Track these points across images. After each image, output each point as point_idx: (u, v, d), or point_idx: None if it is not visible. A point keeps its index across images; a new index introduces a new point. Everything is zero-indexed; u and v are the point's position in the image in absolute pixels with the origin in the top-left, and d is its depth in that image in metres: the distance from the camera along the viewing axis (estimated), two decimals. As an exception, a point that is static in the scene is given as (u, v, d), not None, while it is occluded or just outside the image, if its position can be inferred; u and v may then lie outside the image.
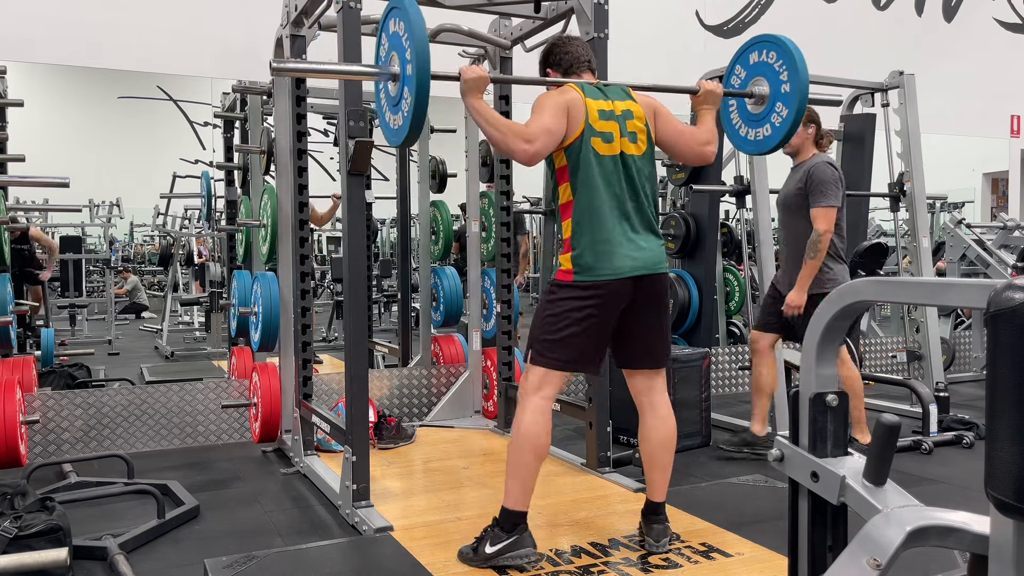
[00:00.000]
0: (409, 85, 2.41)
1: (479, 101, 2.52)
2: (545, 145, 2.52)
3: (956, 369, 6.27)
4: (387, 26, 2.57)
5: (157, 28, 4.63)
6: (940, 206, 8.79)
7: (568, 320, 2.54)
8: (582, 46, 2.81)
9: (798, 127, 2.90)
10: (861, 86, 5.11)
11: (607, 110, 2.60)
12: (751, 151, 3.07)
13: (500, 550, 2.51)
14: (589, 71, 2.78)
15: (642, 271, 2.56)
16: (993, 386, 0.92)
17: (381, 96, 2.68)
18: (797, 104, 2.79)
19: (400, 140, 2.56)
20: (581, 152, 2.56)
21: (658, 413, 2.72)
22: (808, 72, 2.78)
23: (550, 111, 2.54)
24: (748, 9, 6.49)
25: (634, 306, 2.61)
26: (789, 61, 2.79)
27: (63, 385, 4.99)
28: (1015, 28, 7.77)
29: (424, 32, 2.38)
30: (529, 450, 2.54)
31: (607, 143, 2.58)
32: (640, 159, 2.63)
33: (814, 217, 3.65)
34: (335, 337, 7.77)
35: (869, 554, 1.07)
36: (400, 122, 2.52)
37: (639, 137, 2.64)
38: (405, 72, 2.44)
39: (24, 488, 2.84)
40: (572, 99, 2.57)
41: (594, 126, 2.57)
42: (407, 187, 5.75)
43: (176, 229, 8.44)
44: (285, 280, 4.03)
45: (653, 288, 2.62)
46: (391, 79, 2.53)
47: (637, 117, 2.65)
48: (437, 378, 4.82)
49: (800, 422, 1.29)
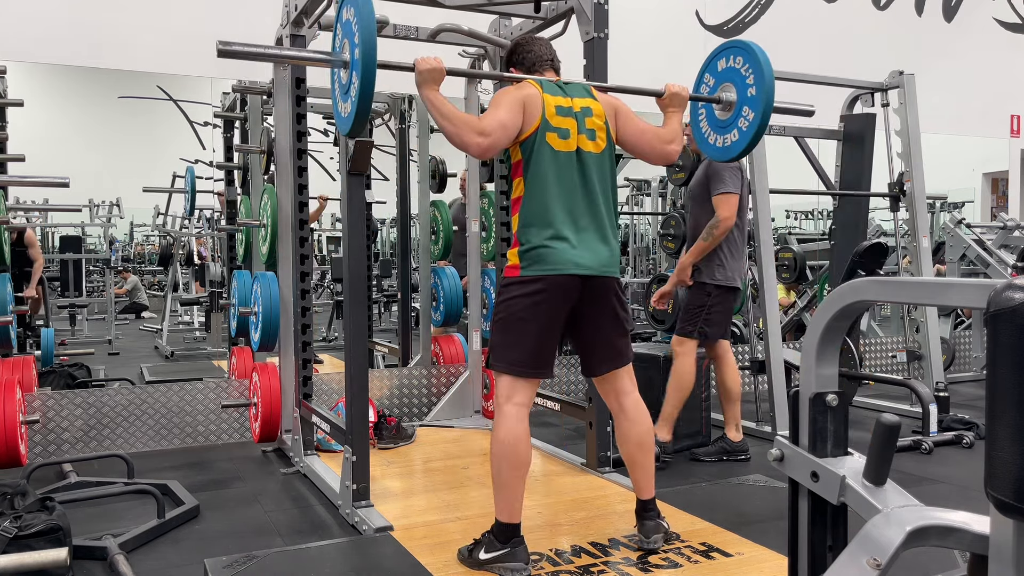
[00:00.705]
0: (356, 70, 2.36)
1: (434, 93, 2.50)
2: (499, 139, 2.51)
3: (956, 369, 6.27)
4: (340, 15, 2.52)
5: (157, 28, 4.63)
6: (940, 206, 8.79)
7: (517, 319, 2.53)
8: (545, 45, 2.81)
9: (764, 131, 2.86)
10: (861, 86, 5.11)
11: (565, 106, 2.60)
12: (719, 157, 3.04)
13: (492, 559, 2.51)
14: (552, 69, 2.78)
15: (587, 271, 2.54)
16: (993, 386, 0.92)
17: (335, 86, 2.62)
18: (763, 107, 2.76)
19: (348, 127, 2.50)
20: (535, 146, 2.55)
21: (628, 416, 2.73)
22: (774, 77, 2.75)
23: (505, 105, 2.53)
24: (748, 9, 6.48)
25: (583, 309, 2.60)
26: (755, 65, 2.77)
27: (63, 385, 4.99)
28: (1015, 28, 7.77)
29: (372, 18, 2.32)
30: (511, 462, 2.51)
31: (563, 139, 2.57)
32: (598, 157, 2.62)
33: (716, 205, 3.74)
34: (335, 337, 7.77)
35: (869, 554, 1.07)
36: (349, 109, 2.46)
37: (597, 135, 2.63)
38: (354, 56, 2.39)
39: (24, 488, 2.84)
40: (529, 94, 2.57)
41: (551, 121, 2.56)
42: (407, 187, 5.76)
43: (176, 229, 8.43)
44: (285, 280, 4.03)
45: (600, 291, 2.60)
46: (342, 66, 2.49)
47: (596, 115, 2.64)
48: (437, 378, 4.82)
49: (800, 422, 1.29)
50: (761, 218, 4.30)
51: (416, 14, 3.91)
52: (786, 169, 3.89)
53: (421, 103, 5.36)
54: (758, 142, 2.88)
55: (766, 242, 4.28)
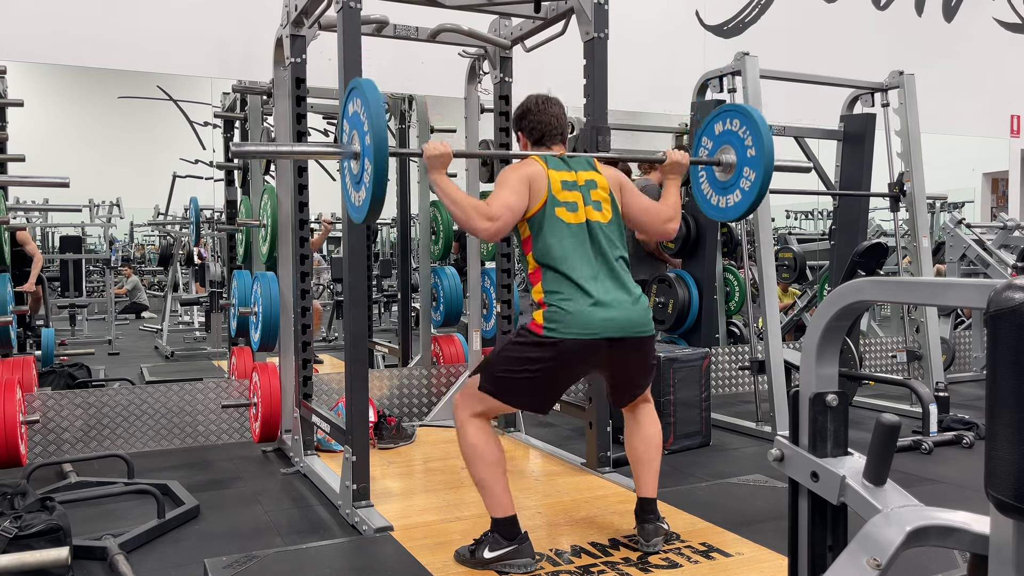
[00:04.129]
0: (368, 155, 2.41)
1: (443, 178, 2.56)
2: (507, 222, 2.56)
3: (956, 369, 6.27)
4: (347, 110, 2.58)
5: (157, 28, 4.63)
6: (940, 206, 8.78)
7: (526, 370, 2.54)
8: (557, 116, 2.80)
9: (767, 191, 2.87)
10: (861, 86, 5.11)
11: (570, 180, 2.64)
12: (721, 218, 3.08)
13: (500, 556, 2.52)
14: (560, 143, 2.81)
15: (617, 333, 2.54)
16: (993, 386, 0.92)
17: (346, 178, 2.66)
18: (764, 167, 2.80)
19: (364, 215, 2.52)
20: (545, 222, 2.58)
21: (638, 419, 2.79)
22: (772, 138, 2.79)
23: (511, 186, 2.58)
24: (748, 9, 6.48)
25: (614, 360, 2.61)
26: (752, 127, 2.82)
27: (63, 385, 4.98)
28: (1015, 28, 7.77)
29: (381, 108, 2.39)
30: (487, 461, 2.56)
31: (572, 212, 2.61)
32: (607, 226, 2.66)
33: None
34: (335, 337, 7.76)
35: (869, 554, 1.07)
36: (363, 197, 2.50)
37: (603, 206, 2.67)
38: (364, 143, 2.43)
39: (24, 488, 2.84)
40: (534, 172, 2.61)
41: (557, 197, 2.60)
42: (407, 187, 5.76)
43: (176, 229, 8.43)
44: (285, 280, 4.03)
45: (634, 346, 2.60)
46: (352, 158, 2.53)
47: (601, 187, 2.69)
48: (437, 378, 4.82)
49: (800, 422, 1.29)
50: (761, 218, 4.29)
51: (416, 14, 3.91)
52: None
53: (421, 103, 5.40)
54: (761, 202, 2.90)
55: (766, 242, 4.28)
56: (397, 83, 5.28)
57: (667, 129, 6.21)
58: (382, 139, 2.38)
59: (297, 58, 3.78)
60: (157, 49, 4.66)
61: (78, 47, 4.52)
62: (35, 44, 4.43)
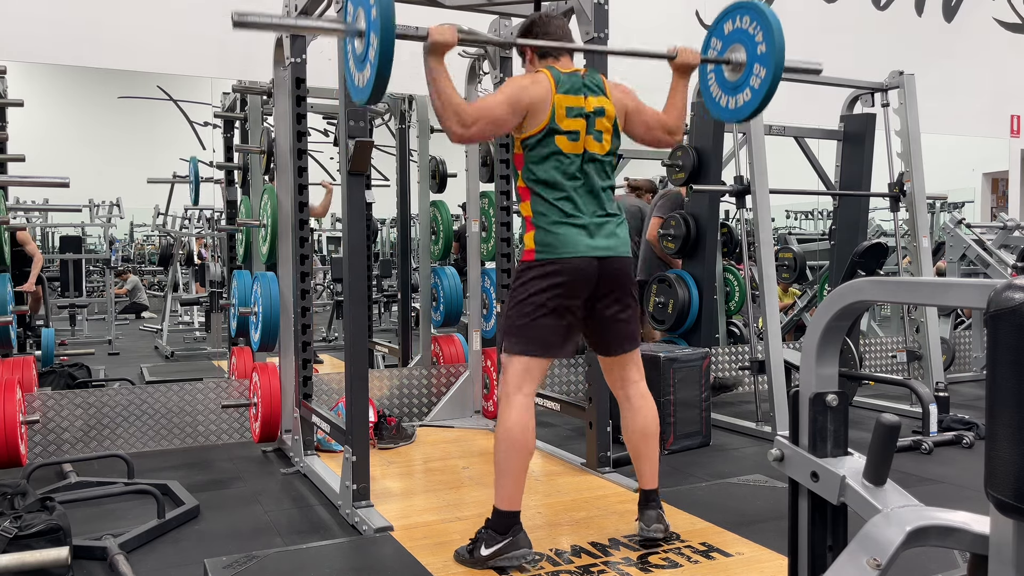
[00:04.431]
0: (375, 29, 2.33)
1: (439, 65, 2.50)
2: (481, 132, 2.54)
3: (956, 369, 6.27)
4: None
5: (157, 28, 4.62)
6: (940, 206, 8.78)
7: (536, 302, 2.57)
8: (562, 28, 2.80)
9: (776, 89, 2.79)
10: (861, 86, 5.11)
11: (577, 107, 2.62)
12: (730, 119, 2.98)
13: (496, 551, 2.52)
14: (567, 55, 2.77)
15: (604, 252, 2.60)
16: (993, 386, 0.92)
17: (349, 61, 2.59)
18: (775, 63, 2.72)
19: (367, 95, 2.43)
20: (540, 147, 2.60)
21: (633, 405, 2.79)
22: (783, 35, 2.70)
23: (505, 100, 2.56)
24: (748, 9, 6.47)
25: (600, 291, 2.64)
26: (763, 22, 2.74)
27: (63, 385, 4.98)
28: (1015, 28, 7.77)
29: None
30: (518, 449, 2.55)
31: (572, 141, 2.61)
32: (603, 157, 2.68)
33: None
34: (335, 337, 7.76)
35: (869, 554, 1.07)
36: (368, 74, 2.41)
37: (604, 137, 2.67)
38: (370, 17, 2.36)
39: (24, 488, 2.84)
40: (537, 94, 2.59)
41: (559, 125, 2.59)
42: (407, 187, 5.75)
43: (176, 229, 8.43)
44: (285, 280, 4.03)
45: (617, 270, 2.65)
46: (357, 35, 2.47)
47: (607, 116, 2.68)
48: (437, 378, 4.82)
49: (800, 422, 1.29)
50: (761, 218, 4.29)
51: (416, 14, 3.90)
52: (786, 169, 3.89)
53: (421, 103, 5.40)
54: (770, 101, 2.82)
55: (766, 242, 4.28)
56: (397, 83, 5.25)
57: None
58: (389, 14, 2.31)
59: (297, 58, 3.78)
60: (157, 49, 4.66)
61: (78, 47, 4.52)
62: (35, 44, 4.43)
